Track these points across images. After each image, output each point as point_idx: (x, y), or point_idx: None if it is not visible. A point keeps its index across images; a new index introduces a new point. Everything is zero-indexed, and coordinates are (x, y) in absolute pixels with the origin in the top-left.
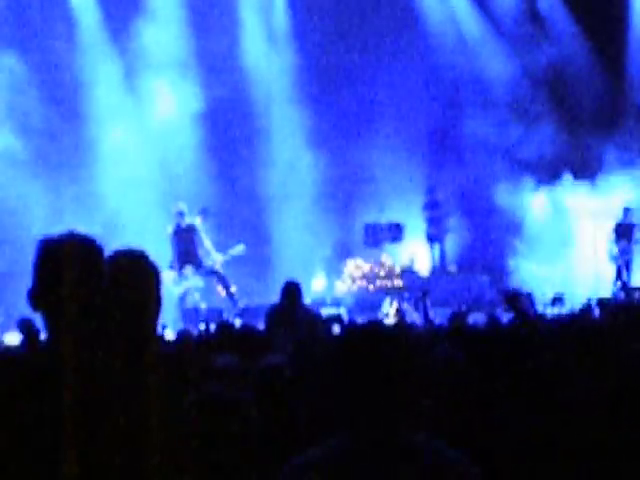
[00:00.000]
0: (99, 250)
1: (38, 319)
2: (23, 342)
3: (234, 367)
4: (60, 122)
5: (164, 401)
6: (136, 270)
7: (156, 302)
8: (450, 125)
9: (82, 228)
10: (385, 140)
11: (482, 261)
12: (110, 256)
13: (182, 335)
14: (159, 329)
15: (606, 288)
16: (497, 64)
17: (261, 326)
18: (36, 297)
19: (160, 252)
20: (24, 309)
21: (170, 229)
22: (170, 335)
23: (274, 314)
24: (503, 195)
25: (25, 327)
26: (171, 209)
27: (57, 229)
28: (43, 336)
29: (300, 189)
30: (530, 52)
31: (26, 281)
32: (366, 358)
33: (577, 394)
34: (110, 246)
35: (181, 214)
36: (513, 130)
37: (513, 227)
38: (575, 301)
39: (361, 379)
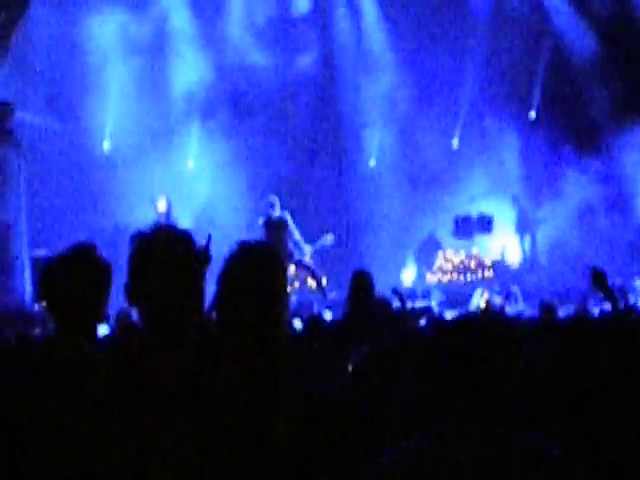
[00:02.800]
0: (192, 243)
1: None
2: (111, 333)
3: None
4: None
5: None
6: (267, 260)
7: (285, 290)
8: None
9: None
10: (477, 130)
11: (576, 254)
12: (238, 247)
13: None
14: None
15: None
16: None
17: None
18: (132, 291)
19: None
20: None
21: (261, 221)
22: None
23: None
24: None
25: (120, 319)
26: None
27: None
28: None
29: (391, 180)
30: None
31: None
32: (459, 354)
33: None
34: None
35: (272, 206)
36: None
37: None
38: None
39: (456, 374)
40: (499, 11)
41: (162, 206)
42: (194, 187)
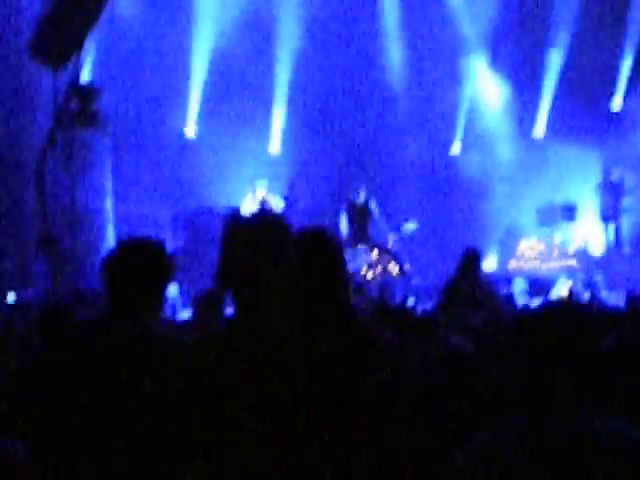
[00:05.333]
0: (287, 228)
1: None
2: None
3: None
4: None
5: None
6: (318, 245)
7: (343, 272)
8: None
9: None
10: (561, 120)
11: None
12: (297, 234)
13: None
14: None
15: None
16: None
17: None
18: (225, 275)
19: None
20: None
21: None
22: None
23: (452, 284)
24: None
25: (202, 301)
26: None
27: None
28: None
29: (474, 169)
30: None
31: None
32: (544, 344)
33: None
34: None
35: (357, 191)
36: None
37: None
38: None
39: (539, 364)
40: None
41: (263, 190)
42: (279, 171)
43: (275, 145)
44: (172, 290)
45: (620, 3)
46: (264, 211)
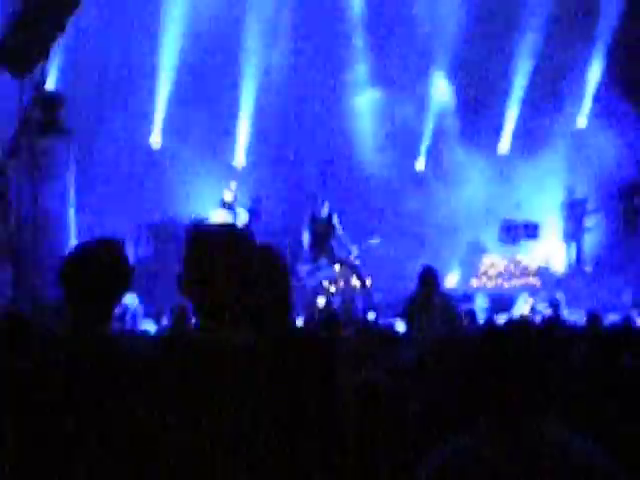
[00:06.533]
0: (252, 241)
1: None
2: (170, 327)
3: None
4: None
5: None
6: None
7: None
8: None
9: None
10: (525, 137)
11: (620, 262)
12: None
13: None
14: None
15: None
16: None
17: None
18: (186, 283)
19: None
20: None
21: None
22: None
23: (412, 301)
24: None
25: (176, 312)
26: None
27: None
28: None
29: (437, 184)
30: None
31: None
32: (511, 356)
33: None
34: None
35: (319, 204)
36: None
37: None
38: None
39: (505, 376)
40: None
41: (229, 194)
42: (243, 184)
43: (240, 157)
44: (132, 300)
45: (586, 23)
46: (228, 224)
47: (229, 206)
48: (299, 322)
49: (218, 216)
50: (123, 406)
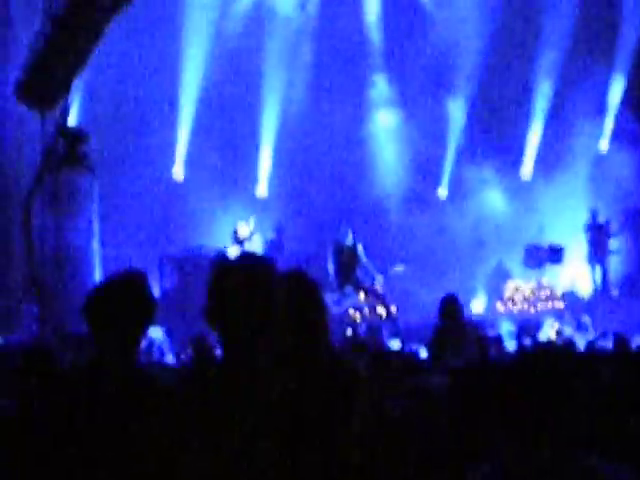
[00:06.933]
0: (272, 270)
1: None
2: (193, 358)
3: None
4: None
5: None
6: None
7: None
8: None
9: None
10: (546, 160)
11: None
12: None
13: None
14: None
15: None
16: None
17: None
18: (212, 315)
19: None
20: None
21: (331, 246)
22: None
23: (436, 330)
24: None
25: (198, 344)
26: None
27: None
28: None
29: (460, 212)
30: None
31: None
32: (541, 381)
33: None
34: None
35: (344, 234)
36: None
37: None
38: None
39: (528, 405)
40: None
41: (245, 230)
42: (266, 214)
43: (262, 188)
44: (157, 334)
45: (606, 45)
46: (250, 254)
47: (242, 241)
48: None
49: (233, 253)
50: (145, 431)
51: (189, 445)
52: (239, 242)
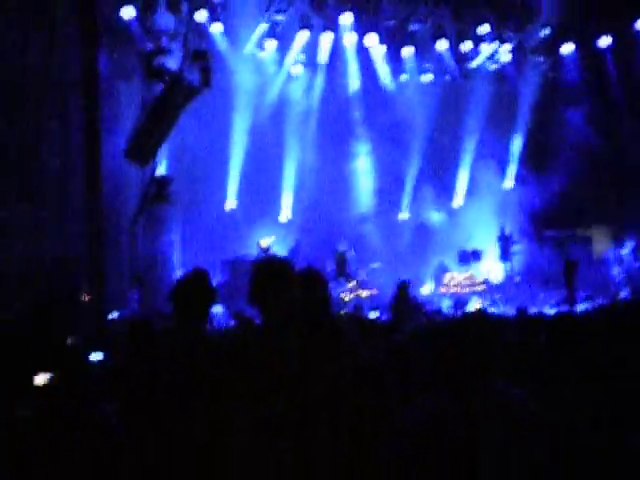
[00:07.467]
0: (292, 268)
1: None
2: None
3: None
4: None
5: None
6: (315, 280)
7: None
8: None
9: None
10: (472, 194)
11: (538, 275)
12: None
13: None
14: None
15: None
16: None
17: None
18: (252, 299)
19: None
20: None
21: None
22: None
23: (392, 307)
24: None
25: (238, 316)
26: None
27: None
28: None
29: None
30: None
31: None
32: (468, 337)
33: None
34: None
35: (342, 242)
36: None
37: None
38: None
39: (459, 351)
40: None
41: (265, 243)
42: (288, 233)
43: (284, 215)
44: (219, 309)
45: (510, 116)
46: (276, 257)
47: (265, 251)
48: None
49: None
50: (208, 377)
51: (237, 387)
52: (262, 251)
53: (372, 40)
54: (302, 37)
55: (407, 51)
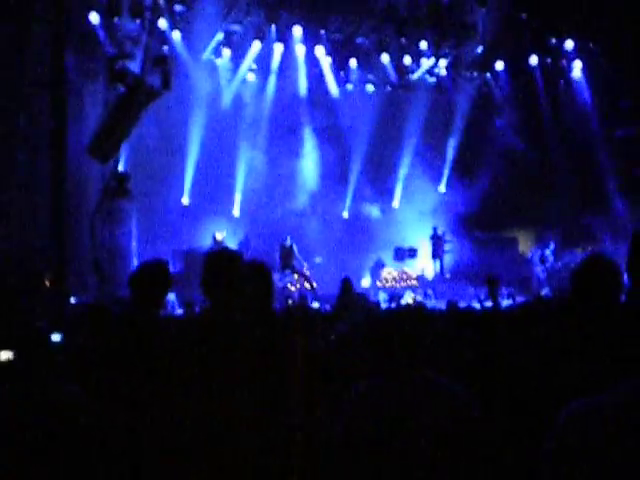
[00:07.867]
0: (241, 259)
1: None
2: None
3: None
4: None
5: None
6: (259, 272)
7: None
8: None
9: None
10: (408, 196)
11: (467, 272)
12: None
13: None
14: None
15: None
16: None
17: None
18: (206, 287)
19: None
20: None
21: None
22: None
23: (338, 299)
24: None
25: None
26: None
27: None
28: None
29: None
30: None
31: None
32: (401, 328)
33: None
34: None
35: (286, 240)
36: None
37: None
38: None
39: (393, 341)
40: None
41: (220, 236)
42: (238, 227)
43: (236, 210)
44: (172, 297)
45: (447, 124)
46: (226, 249)
47: (219, 243)
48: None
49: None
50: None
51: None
52: (216, 244)
53: (320, 52)
54: (256, 46)
55: (352, 63)
